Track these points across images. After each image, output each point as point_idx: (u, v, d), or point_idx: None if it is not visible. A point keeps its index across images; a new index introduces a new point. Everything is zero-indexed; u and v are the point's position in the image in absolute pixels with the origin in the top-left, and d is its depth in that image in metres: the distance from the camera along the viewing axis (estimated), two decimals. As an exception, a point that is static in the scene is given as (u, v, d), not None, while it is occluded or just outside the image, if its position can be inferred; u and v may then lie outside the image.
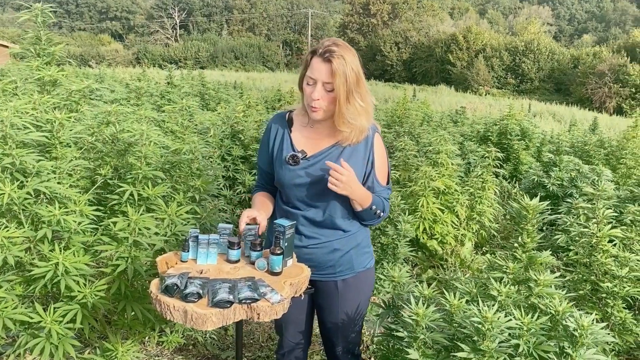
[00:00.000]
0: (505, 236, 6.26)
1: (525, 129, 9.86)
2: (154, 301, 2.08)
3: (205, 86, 11.15)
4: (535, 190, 6.96)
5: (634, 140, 8.90)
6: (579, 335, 2.21)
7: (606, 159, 9.00)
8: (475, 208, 5.73)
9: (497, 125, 10.01)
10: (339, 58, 2.24)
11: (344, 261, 2.49)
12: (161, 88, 9.52)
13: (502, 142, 9.72)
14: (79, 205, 2.73)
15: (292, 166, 2.42)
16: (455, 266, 5.32)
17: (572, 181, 6.70)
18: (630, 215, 4.34)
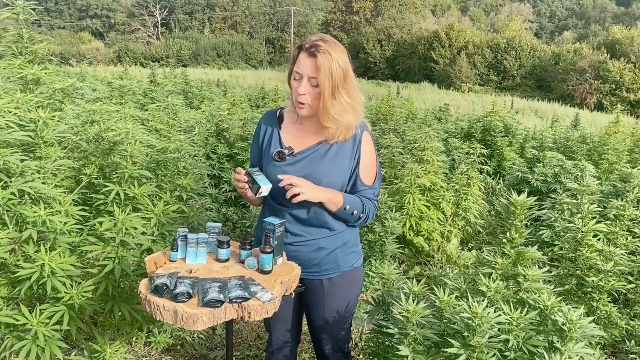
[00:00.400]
0: (491, 232, 6.30)
1: (509, 126, 9.94)
2: (143, 301, 2.06)
3: (189, 84, 11.07)
4: (520, 186, 7.01)
5: (616, 135, 9.00)
6: (568, 329, 2.22)
7: (588, 155, 9.09)
8: (461, 204, 5.76)
9: (480, 122, 10.07)
10: (325, 53, 2.23)
11: (329, 260, 2.47)
12: (144, 86, 9.45)
13: (485, 138, 9.78)
14: (64, 205, 2.70)
15: (278, 162, 2.41)
16: (442, 262, 5.35)
17: (556, 177, 6.75)
18: (613, 210, 4.38)
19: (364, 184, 2.45)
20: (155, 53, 60.41)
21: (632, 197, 4.20)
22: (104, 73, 20.87)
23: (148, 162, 3.20)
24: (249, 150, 6.15)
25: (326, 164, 2.38)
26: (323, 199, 2.31)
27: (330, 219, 2.44)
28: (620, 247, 3.94)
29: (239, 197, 6.11)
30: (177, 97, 9.08)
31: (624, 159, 8.70)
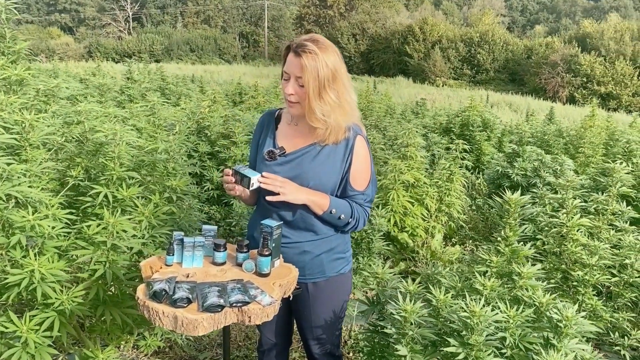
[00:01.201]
0: (473, 227, 6.36)
1: (487, 120, 10.02)
2: (141, 307, 2.03)
3: (165, 80, 10.94)
4: (500, 180, 7.08)
5: (591, 129, 9.15)
6: (564, 326, 2.25)
7: (565, 148, 9.23)
8: (444, 200, 5.79)
9: (459, 116, 10.15)
10: (310, 53, 2.20)
11: (313, 264, 2.44)
12: (119, 83, 9.30)
13: (464, 133, 9.86)
14: (51, 209, 2.64)
15: (269, 162, 2.39)
16: (426, 258, 5.38)
17: (535, 171, 6.84)
18: (594, 204, 4.44)
19: (354, 189, 2.41)
20: (127, 48, 59.59)
21: (615, 191, 4.26)
22: (75, 69, 20.51)
23: (135, 164, 3.14)
24: (230, 148, 6.12)
25: (315, 167, 2.36)
26: (306, 201, 2.29)
27: (318, 222, 2.40)
28: (604, 240, 4.00)
29: (222, 196, 6.06)
30: (154, 94, 8.96)
31: (599, 152, 8.85)
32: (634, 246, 3.92)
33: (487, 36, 46.26)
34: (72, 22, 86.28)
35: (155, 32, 66.72)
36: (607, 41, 40.26)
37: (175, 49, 60.77)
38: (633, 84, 37.26)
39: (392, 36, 50.33)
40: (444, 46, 46.44)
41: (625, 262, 3.89)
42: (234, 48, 64.89)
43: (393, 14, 56.48)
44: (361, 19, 54.64)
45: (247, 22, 74.57)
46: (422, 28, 48.57)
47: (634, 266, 3.88)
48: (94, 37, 69.09)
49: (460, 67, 45.86)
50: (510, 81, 44.10)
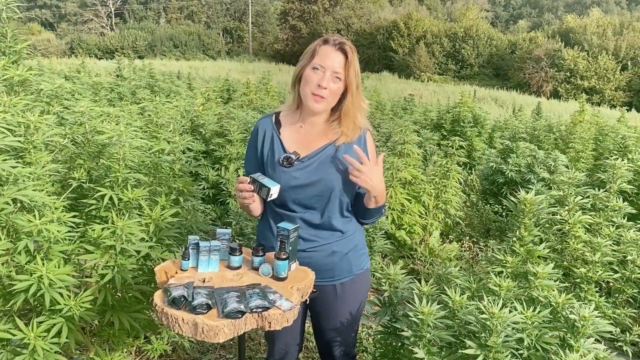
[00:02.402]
0: (469, 223, 6.37)
1: (477, 116, 10.05)
2: (159, 314, 1.99)
3: (154, 78, 10.83)
4: (494, 177, 7.10)
5: (581, 124, 9.21)
6: (581, 326, 2.25)
7: (555, 144, 9.28)
8: (441, 197, 5.79)
9: (450, 112, 10.16)
10: (352, 52, 2.28)
11: (342, 264, 2.44)
12: (108, 80, 9.19)
13: (455, 129, 9.88)
14: (56, 212, 2.59)
15: (287, 168, 2.35)
16: (425, 255, 5.38)
17: (529, 167, 6.86)
18: (591, 200, 4.45)
19: None
20: (110, 44, 58.88)
21: (615, 187, 4.28)
22: (58, 66, 20.24)
23: (138, 165, 3.09)
24: (225, 146, 6.07)
25: (337, 167, 2.34)
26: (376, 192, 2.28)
27: (342, 221, 2.40)
28: (605, 237, 4.02)
29: (218, 195, 6.01)
30: (144, 91, 8.87)
31: (589, 147, 8.91)
32: (635, 242, 3.93)
33: (471, 31, 46.40)
34: (52, 18, 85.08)
35: (138, 28, 65.99)
36: (589, 36, 40.59)
37: (159, 45, 60.19)
38: (616, 79, 37.61)
39: (376, 31, 50.31)
40: (428, 41, 46.51)
41: (628, 258, 3.91)
42: (218, 44, 64.41)
43: (377, 9, 56.44)
44: (346, 14, 54.53)
45: (231, 17, 74.06)
46: (406, 23, 48.58)
47: (636, 262, 3.90)
48: (76, 33, 68.15)
49: (445, 62, 45.98)
50: (494, 76, 44.30)
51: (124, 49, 57.28)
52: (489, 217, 6.62)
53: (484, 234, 6.32)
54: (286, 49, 58.15)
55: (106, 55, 55.16)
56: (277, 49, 60.07)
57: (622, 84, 37.62)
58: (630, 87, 37.61)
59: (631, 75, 37.78)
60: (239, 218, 4.55)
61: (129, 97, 8.27)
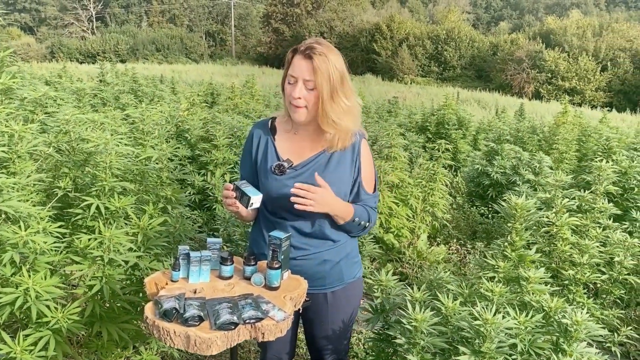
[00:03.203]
0: (456, 226, 6.38)
1: (462, 118, 10.10)
2: (150, 327, 1.95)
3: (137, 82, 10.73)
4: (479, 179, 7.14)
5: (564, 125, 9.29)
6: (575, 330, 2.25)
7: (539, 145, 9.34)
8: (428, 200, 5.80)
9: (434, 115, 10.20)
10: (321, 55, 2.18)
11: (334, 272, 2.41)
12: (89, 85, 9.08)
13: (440, 131, 9.92)
14: (42, 223, 2.54)
15: (279, 176, 2.33)
16: (413, 259, 5.37)
17: (514, 169, 6.90)
18: (577, 202, 4.47)
19: (367, 193, 2.41)
20: (91, 48, 58.41)
21: (601, 189, 4.31)
22: (39, 70, 20.01)
23: (124, 172, 3.05)
24: (212, 151, 6.03)
25: (329, 175, 2.31)
26: (335, 211, 2.25)
27: (332, 230, 2.38)
28: (592, 239, 4.04)
29: (204, 200, 5.96)
30: (127, 96, 8.79)
31: (573, 148, 8.99)
32: (622, 243, 3.96)
33: (453, 33, 46.72)
34: (32, 21, 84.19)
35: (120, 31, 65.51)
36: (570, 37, 41.05)
37: (141, 49, 59.80)
38: (596, 79, 38.07)
39: (359, 34, 50.47)
40: (411, 44, 46.73)
41: (615, 259, 3.93)
42: (201, 47, 64.16)
43: (360, 11, 56.60)
44: (328, 16, 54.63)
45: (214, 20, 73.85)
46: (389, 26, 48.78)
47: (623, 263, 3.93)
48: (56, 37, 67.47)
49: (427, 65, 46.23)
50: (476, 78, 44.64)
51: (105, 53, 56.84)
52: (475, 219, 6.64)
53: (471, 236, 6.34)
54: (269, 52, 58.12)
55: (87, 59, 54.71)
56: (260, 52, 60.03)
57: (602, 85, 38.10)
58: (610, 88, 38.10)
59: (611, 76, 38.27)
60: (226, 224, 4.51)
61: (112, 102, 8.18)
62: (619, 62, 38.63)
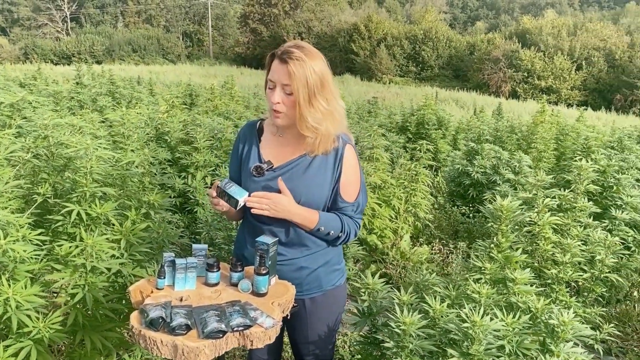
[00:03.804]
0: (438, 225, 6.40)
1: (441, 118, 10.14)
2: (137, 336, 1.91)
3: (115, 84, 10.59)
4: (460, 178, 7.17)
5: (542, 125, 9.39)
6: (561, 331, 2.26)
7: (517, 144, 9.43)
8: (410, 200, 5.81)
9: (414, 115, 10.23)
10: (298, 59, 2.13)
11: (311, 279, 2.37)
12: (66, 87, 8.94)
13: (420, 131, 9.95)
14: (21, 230, 2.48)
15: (257, 178, 2.30)
16: (397, 260, 5.38)
17: (494, 168, 6.95)
18: (557, 201, 4.51)
19: (344, 201, 2.34)
20: (66, 49, 57.67)
21: (582, 188, 4.35)
22: (13, 72, 19.67)
23: (105, 177, 2.99)
24: (192, 154, 5.97)
25: (306, 180, 2.28)
26: (294, 218, 2.23)
27: (309, 237, 2.33)
28: (574, 237, 4.08)
29: (185, 203, 5.90)
30: (105, 98, 8.68)
31: (551, 147, 9.09)
32: (604, 242, 4.01)
33: (430, 33, 47.02)
34: (5, 22, 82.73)
35: (95, 32, 64.74)
36: (545, 37, 41.56)
37: (117, 50, 59.18)
38: (571, 78, 38.62)
39: (337, 34, 50.56)
40: (389, 44, 46.93)
41: (597, 258, 3.97)
42: (178, 47, 63.69)
43: (338, 11, 56.70)
44: (306, 17, 54.64)
45: (191, 21, 73.36)
46: (367, 26, 48.94)
47: (604, 262, 3.97)
48: (30, 38, 66.39)
49: (405, 65, 46.46)
50: (454, 77, 44.99)
51: (80, 54, 56.19)
52: (457, 219, 6.67)
53: (453, 236, 6.37)
54: (247, 52, 57.94)
55: (62, 60, 53.99)
56: (238, 53, 59.81)
57: (578, 84, 38.66)
58: (585, 86, 38.68)
59: (586, 75, 38.85)
60: (209, 227, 4.46)
61: (89, 105, 8.07)
62: (593, 61, 39.24)
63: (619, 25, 47.95)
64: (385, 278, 5.09)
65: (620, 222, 4.94)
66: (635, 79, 35.97)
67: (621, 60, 38.83)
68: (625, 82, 36.48)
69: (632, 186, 5.49)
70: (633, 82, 35.88)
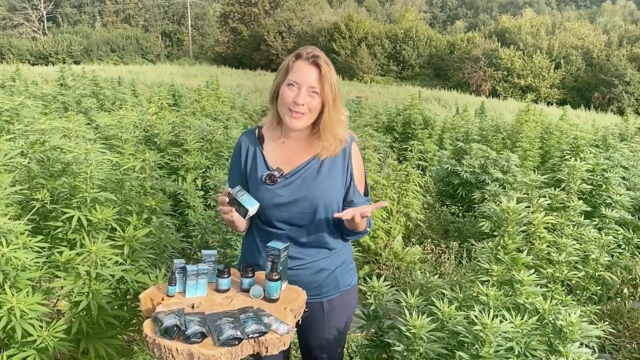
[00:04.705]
0: (429, 225, 6.43)
1: (427, 118, 10.19)
2: (151, 345, 1.89)
3: (98, 85, 10.46)
4: (449, 178, 7.22)
5: (527, 124, 9.48)
6: (569, 331, 2.28)
7: (503, 143, 9.51)
8: (402, 201, 5.83)
9: (400, 115, 10.26)
10: (326, 64, 2.22)
11: (329, 281, 2.38)
12: (49, 89, 8.81)
13: (406, 131, 9.98)
14: (21, 237, 2.44)
15: (270, 186, 2.29)
16: (390, 260, 5.39)
17: (482, 168, 7.00)
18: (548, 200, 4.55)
19: (362, 196, 2.40)
20: (43, 49, 56.83)
21: (575, 188, 4.40)
22: (-11, 73, 19.31)
23: (105, 182, 2.95)
24: (182, 156, 5.92)
25: (321, 183, 2.29)
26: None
27: (329, 238, 2.35)
28: (568, 236, 4.13)
29: (175, 206, 5.85)
30: (89, 100, 8.57)
31: (536, 145, 9.19)
32: (598, 241, 4.05)
33: (411, 32, 47.15)
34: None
35: (73, 32, 63.91)
36: (524, 36, 41.94)
37: (95, 50, 58.46)
38: (550, 77, 39.03)
39: (318, 33, 50.48)
40: (370, 43, 46.97)
41: (591, 257, 4.02)
42: (157, 47, 63.06)
43: (318, 11, 56.62)
44: (287, 16, 54.45)
45: (170, 20, 72.82)
46: (347, 25, 48.94)
47: (599, 260, 4.02)
48: (5, 38, 65.22)
49: (386, 64, 46.55)
50: (435, 76, 45.18)
51: (58, 54, 55.44)
52: (447, 219, 6.70)
53: (443, 235, 6.40)
54: (227, 52, 57.61)
55: (40, 60, 53.20)
56: (218, 52, 59.45)
57: (557, 82, 39.08)
58: (564, 85, 39.12)
59: (564, 73, 39.30)
60: (203, 230, 4.43)
61: (74, 107, 7.96)
62: (571, 60, 39.69)
63: (595, 24, 48.61)
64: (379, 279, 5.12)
65: (610, 221, 5.00)
66: (612, 77, 36.48)
67: (599, 59, 39.35)
68: (603, 81, 36.98)
69: (618, 184, 5.56)
70: (610, 81, 36.39)
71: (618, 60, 37.50)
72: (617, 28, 46.05)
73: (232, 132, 6.51)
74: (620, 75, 36.37)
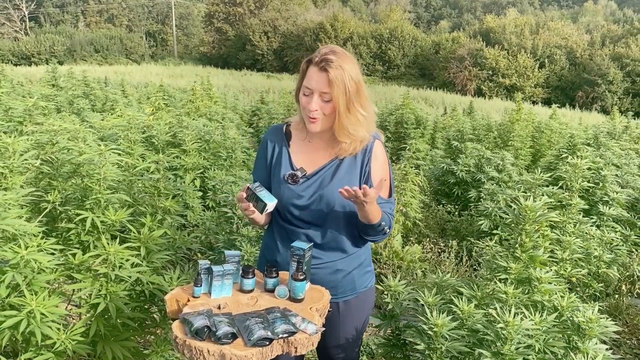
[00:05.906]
0: (428, 224, 6.46)
1: (420, 117, 10.25)
2: (180, 347, 1.88)
3: (89, 86, 10.38)
4: (445, 177, 7.26)
5: (519, 123, 9.58)
6: (589, 328, 2.31)
7: (495, 142, 9.60)
8: (400, 200, 5.85)
9: (393, 114, 10.31)
10: (337, 68, 2.15)
11: (346, 282, 2.38)
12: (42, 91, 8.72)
13: (399, 131, 10.03)
14: (36, 239, 2.42)
15: (292, 185, 2.29)
16: (390, 259, 5.41)
17: (477, 166, 7.06)
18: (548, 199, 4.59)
19: (382, 198, 2.35)
20: (25, 49, 56.17)
21: (577, 186, 4.45)
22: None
23: (117, 183, 2.94)
24: (180, 157, 5.90)
25: (337, 183, 2.28)
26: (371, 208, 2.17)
27: (346, 239, 2.34)
28: (571, 234, 4.17)
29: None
30: (82, 101, 8.51)
31: (527, 144, 9.29)
32: (601, 239, 4.10)
33: (396, 32, 47.35)
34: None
35: (55, 32, 63.22)
36: (508, 35, 42.31)
37: (79, 50, 57.92)
38: (534, 76, 39.43)
39: (304, 33, 50.49)
40: (355, 43, 47.09)
41: (594, 254, 4.07)
42: (142, 47, 62.64)
43: (303, 10, 56.64)
44: (272, 16, 54.41)
45: (154, 20, 72.41)
46: (332, 25, 49.03)
47: (601, 258, 4.07)
48: (-13, 39, 64.58)
49: (372, 64, 46.69)
50: (420, 76, 45.41)
51: (40, 54, 54.87)
52: (443, 218, 6.74)
53: (440, 234, 6.44)
54: (212, 52, 57.45)
55: (22, 61, 52.60)
56: (203, 52, 59.25)
57: (541, 81, 39.50)
58: (548, 84, 39.55)
59: (548, 72, 39.73)
60: (207, 231, 4.41)
61: (66, 108, 7.90)
62: (555, 59, 40.13)
63: (578, 24, 49.18)
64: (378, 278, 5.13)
65: (608, 218, 5.07)
66: (595, 76, 36.94)
67: (582, 58, 39.84)
68: (587, 80, 37.44)
69: (612, 182, 5.63)
70: (594, 80, 36.84)
71: (601, 59, 37.98)
72: (599, 28, 46.60)
73: (229, 132, 6.49)
74: (603, 74, 36.84)
